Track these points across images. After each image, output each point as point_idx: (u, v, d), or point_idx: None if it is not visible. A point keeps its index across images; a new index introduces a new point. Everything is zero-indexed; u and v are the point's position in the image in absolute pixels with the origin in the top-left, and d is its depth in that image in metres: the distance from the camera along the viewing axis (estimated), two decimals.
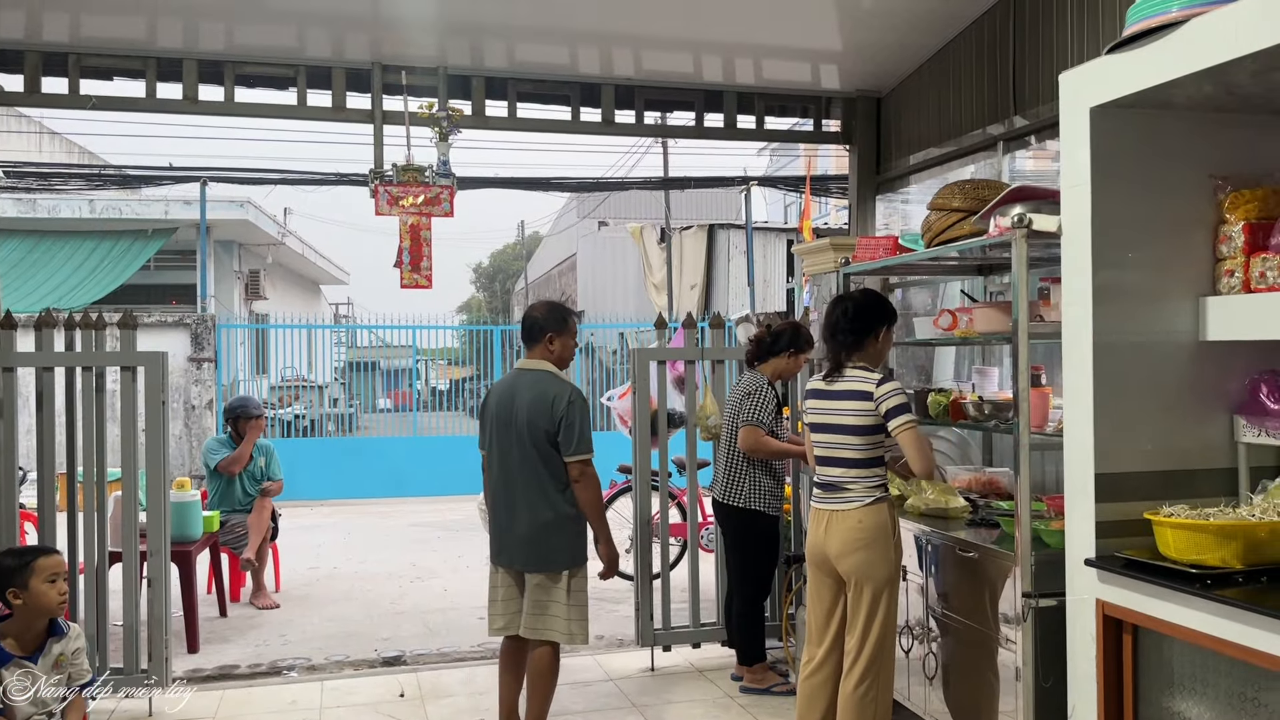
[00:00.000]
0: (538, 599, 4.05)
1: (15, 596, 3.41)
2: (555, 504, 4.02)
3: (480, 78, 5.70)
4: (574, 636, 4.05)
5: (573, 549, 4.07)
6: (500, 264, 50.08)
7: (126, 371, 4.82)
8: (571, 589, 4.04)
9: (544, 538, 4.03)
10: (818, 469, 3.78)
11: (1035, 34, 4.72)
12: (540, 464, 4.01)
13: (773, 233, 16.36)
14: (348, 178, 12.00)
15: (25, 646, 3.43)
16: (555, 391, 4.00)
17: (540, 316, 4.17)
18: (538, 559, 4.05)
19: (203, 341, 12.58)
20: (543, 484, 4.02)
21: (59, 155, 18.95)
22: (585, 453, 3.99)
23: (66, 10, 5.00)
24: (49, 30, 5.14)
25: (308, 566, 8.24)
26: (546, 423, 3.97)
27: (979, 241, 3.69)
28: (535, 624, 4.06)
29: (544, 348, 4.14)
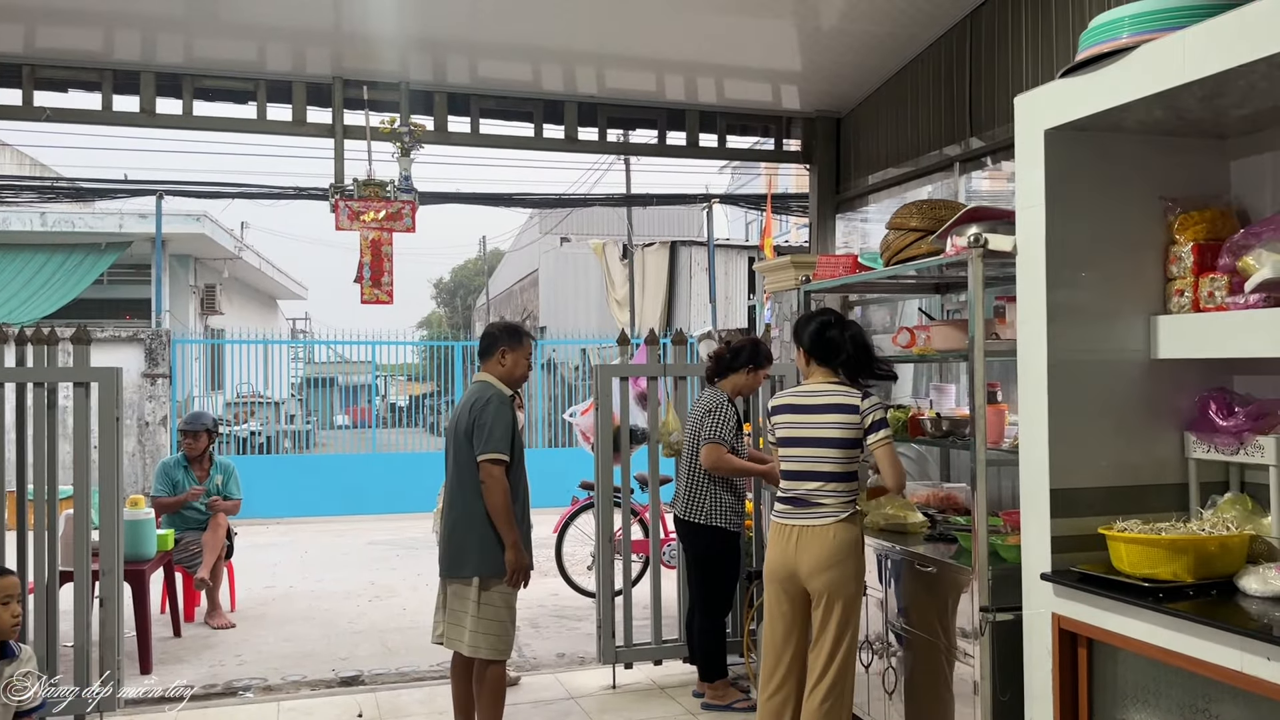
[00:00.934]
0: (452, 607, 4.10)
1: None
2: (469, 509, 4.05)
3: (443, 93, 5.70)
4: (478, 649, 4.02)
5: (482, 557, 4.04)
6: (461, 279, 49.88)
7: (80, 387, 4.74)
8: (481, 600, 4.02)
9: (456, 541, 4.07)
10: (785, 484, 3.79)
11: (991, 57, 4.82)
12: (459, 468, 4.08)
13: (734, 250, 16.46)
14: (306, 192, 11.90)
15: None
16: (484, 395, 4.09)
17: (496, 333, 4.29)
18: (450, 564, 4.10)
19: (157, 357, 12.39)
20: (463, 488, 4.08)
21: (9, 167, 18.63)
22: (493, 452, 3.99)
23: (21, 21, 4.93)
24: (2, 41, 5.06)
25: (263, 585, 8.12)
26: (467, 424, 4.04)
27: (936, 260, 3.74)
28: (450, 633, 4.11)
29: (495, 361, 4.23)
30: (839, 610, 3.64)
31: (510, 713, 4.91)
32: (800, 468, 3.73)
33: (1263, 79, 2.41)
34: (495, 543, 4.05)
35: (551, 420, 14.31)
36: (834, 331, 3.79)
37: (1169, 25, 2.52)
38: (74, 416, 4.75)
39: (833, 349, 3.78)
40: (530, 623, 6.81)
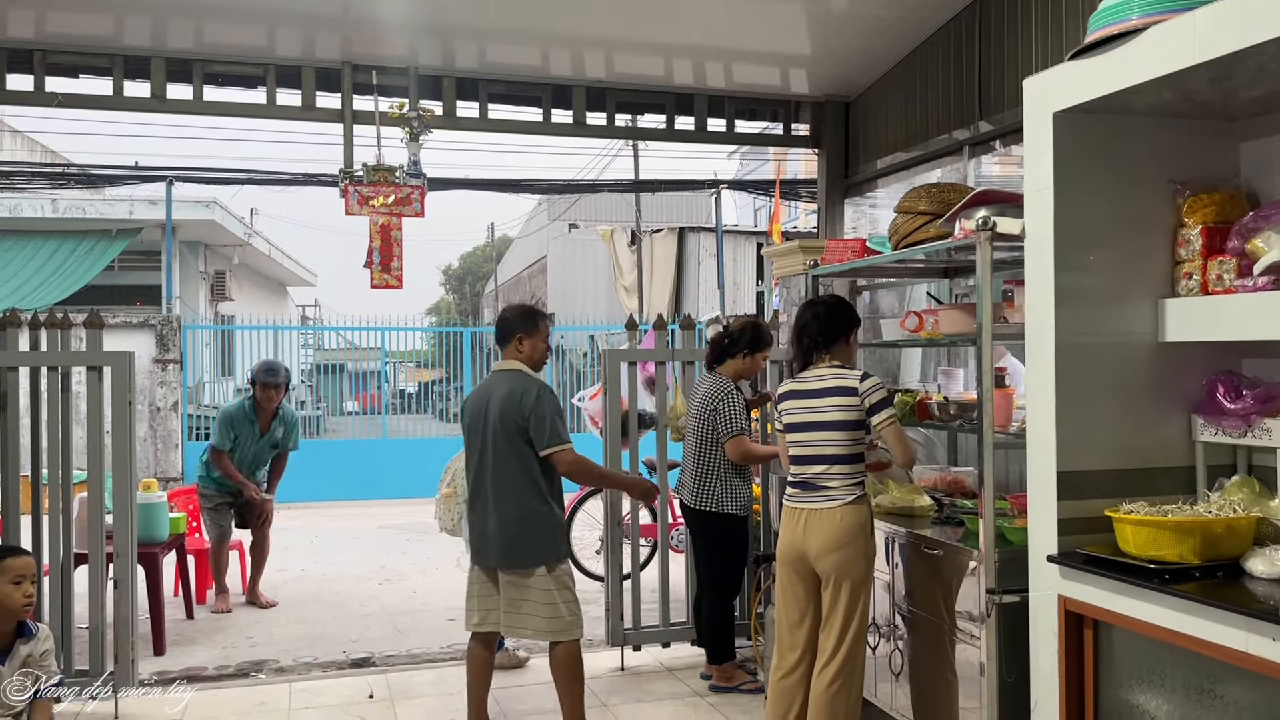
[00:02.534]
0: (511, 597, 4.09)
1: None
2: (526, 501, 4.05)
3: (451, 78, 5.70)
4: (561, 633, 4.06)
5: (545, 546, 4.09)
6: (470, 266, 49.89)
7: (93, 372, 4.77)
8: (545, 586, 4.05)
9: (514, 535, 4.06)
10: (794, 468, 3.81)
11: (1001, 40, 4.80)
12: (512, 462, 4.05)
13: (742, 236, 16.45)
14: (316, 178, 11.92)
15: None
16: (523, 387, 4.07)
17: (511, 318, 4.27)
18: (509, 557, 4.08)
19: (168, 343, 12.45)
20: (514, 482, 4.05)
21: (20, 154, 18.68)
22: (559, 443, 4.03)
23: (32, 7, 4.94)
24: (14, 26, 5.08)
25: (275, 569, 8.14)
26: (517, 419, 4.02)
27: (944, 244, 3.75)
28: (511, 622, 4.10)
29: (514, 348, 4.22)
30: (847, 592, 3.67)
31: (520, 694, 4.96)
32: (806, 452, 3.75)
33: (1272, 60, 2.41)
34: (554, 531, 4.11)
35: (560, 401, 14.33)
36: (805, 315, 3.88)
37: (1179, 7, 2.52)
38: (87, 401, 4.79)
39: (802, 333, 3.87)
40: None
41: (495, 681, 5.10)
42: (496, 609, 4.14)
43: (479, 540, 4.18)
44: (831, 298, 4.09)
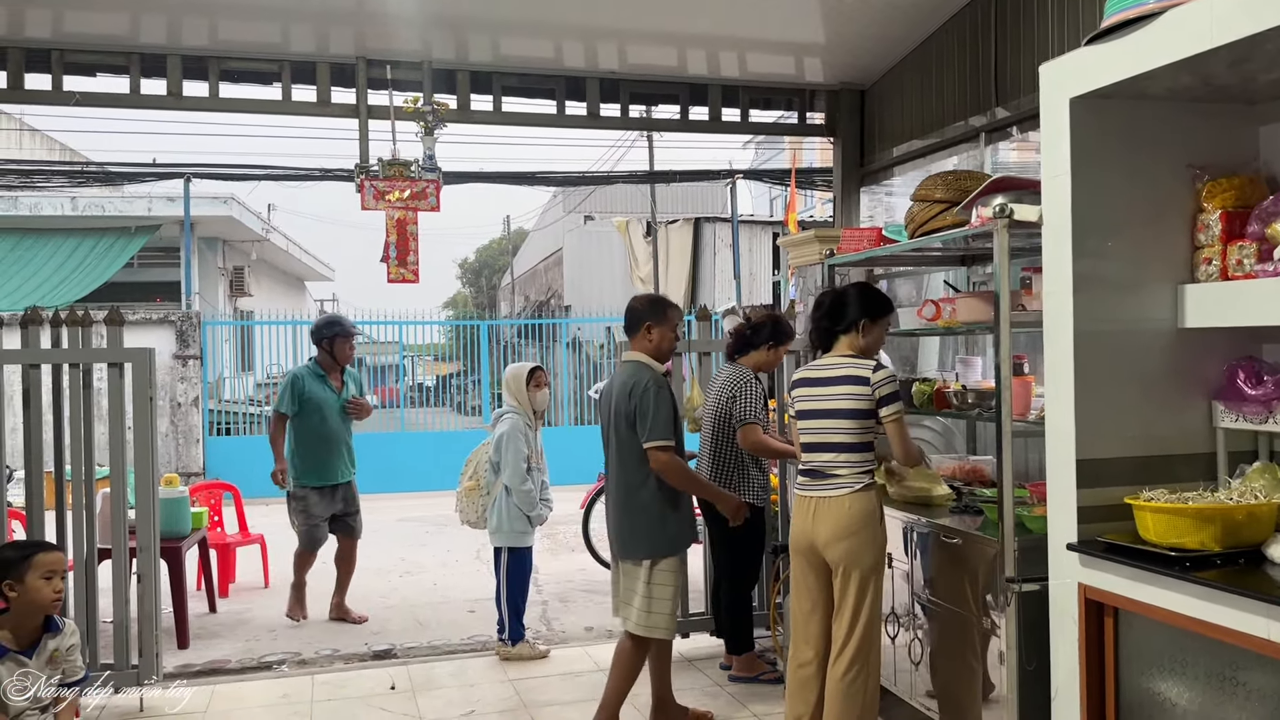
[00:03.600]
0: (625, 585, 4.17)
1: (10, 589, 3.41)
2: (634, 493, 4.11)
3: (465, 72, 5.71)
4: (651, 629, 4.08)
5: (650, 539, 4.11)
6: (486, 259, 49.96)
7: (114, 368, 4.82)
8: (649, 580, 4.07)
9: (625, 525, 4.14)
10: (805, 456, 3.81)
11: (1017, 26, 4.77)
12: (626, 453, 4.11)
13: (758, 226, 16.40)
14: (332, 173, 11.97)
15: (20, 641, 3.43)
16: (636, 379, 4.09)
17: (640, 308, 4.28)
18: (620, 546, 4.17)
19: (188, 339, 12.53)
20: (628, 473, 4.12)
21: (40, 152, 18.83)
22: (659, 439, 4.01)
23: (49, 6, 4.98)
24: (31, 26, 5.12)
25: None
26: (626, 410, 4.06)
27: (961, 232, 3.73)
28: (623, 611, 4.19)
29: (643, 337, 4.22)
30: (856, 580, 3.65)
31: (540, 685, 4.99)
32: (816, 439, 3.75)
33: None
34: (663, 523, 4.12)
35: (577, 397, 14.36)
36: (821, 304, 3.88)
37: None
38: (109, 397, 4.83)
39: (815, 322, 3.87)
40: (559, 597, 6.88)
41: (514, 672, 5.15)
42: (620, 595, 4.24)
43: (611, 531, 4.29)
44: (853, 285, 4.07)
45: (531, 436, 5.48)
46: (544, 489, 5.58)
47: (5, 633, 3.41)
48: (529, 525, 5.44)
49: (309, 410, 6.09)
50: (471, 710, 4.66)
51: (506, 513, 5.38)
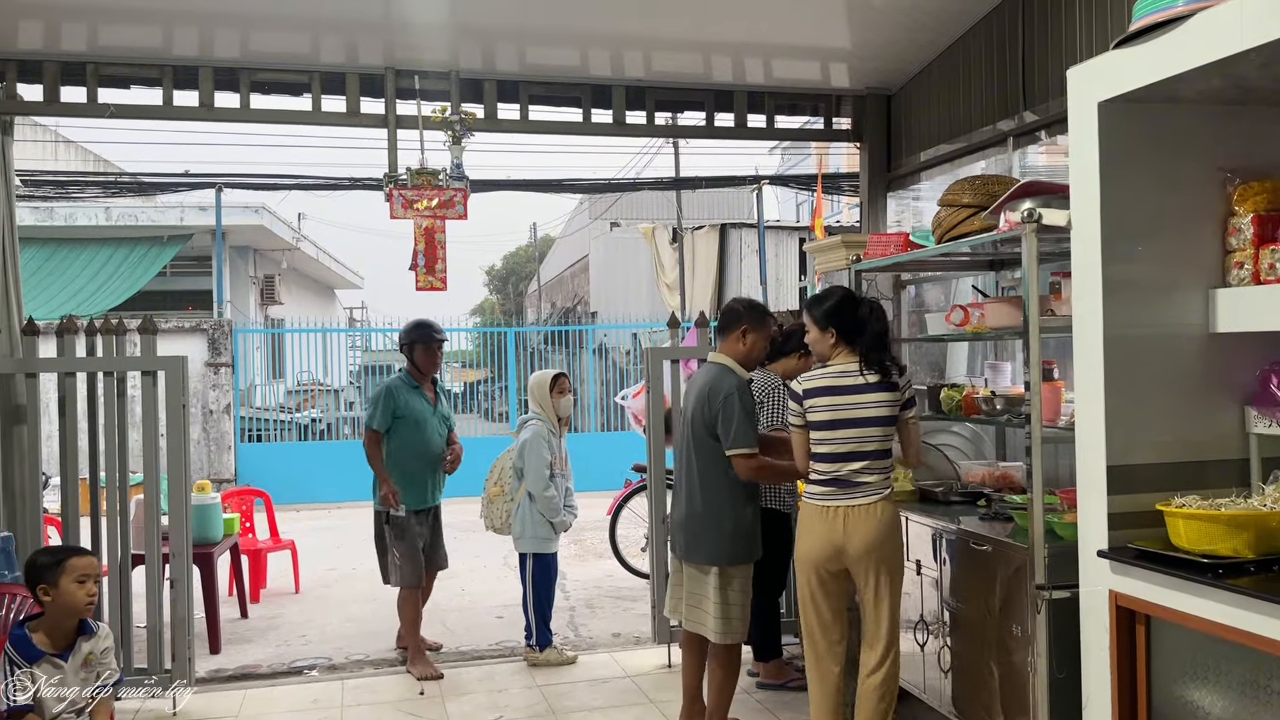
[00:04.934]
0: (691, 590, 4.14)
1: (45, 593, 3.47)
2: (708, 498, 4.07)
3: (492, 81, 5.74)
4: (726, 634, 4.05)
5: (720, 546, 4.06)
6: (513, 266, 50.15)
7: (147, 376, 4.89)
8: (720, 586, 4.04)
9: (695, 529, 4.09)
10: (825, 466, 3.71)
11: (1045, 29, 4.74)
12: (702, 456, 4.08)
13: (785, 231, 16.37)
14: (361, 182, 12.07)
15: (56, 644, 3.49)
16: (718, 384, 4.05)
17: (740, 309, 4.23)
18: (688, 549, 4.13)
19: (219, 346, 12.68)
20: (703, 476, 4.08)
21: (75, 163, 19.10)
22: (743, 447, 3.97)
23: (85, 20, 5.06)
24: (67, 40, 5.20)
25: (326, 568, 8.30)
26: (707, 415, 4.04)
27: (989, 237, 3.71)
28: (691, 616, 4.15)
29: (735, 340, 4.17)
30: (891, 585, 3.67)
31: (568, 691, 5.00)
32: (845, 449, 3.68)
33: None
34: (739, 530, 4.09)
35: (603, 404, 14.39)
36: (864, 310, 3.77)
37: None
38: (142, 405, 4.90)
39: (861, 328, 3.74)
40: (586, 603, 6.90)
41: (542, 678, 5.16)
42: (684, 599, 4.19)
43: (672, 529, 4.28)
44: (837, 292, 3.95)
45: (555, 443, 5.50)
46: (568, 495, 5.60)
47: (41, 636, 3.47)
48: (553, 531, 5.46)
49: (406, 425, 5.46)
50: (500, 715, 4.68)
51: (530, 519, 5.41)
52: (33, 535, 4.96)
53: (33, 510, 5.03)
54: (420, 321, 5.73)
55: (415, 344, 5.57)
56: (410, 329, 5.64)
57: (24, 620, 3.53)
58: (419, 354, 5.57)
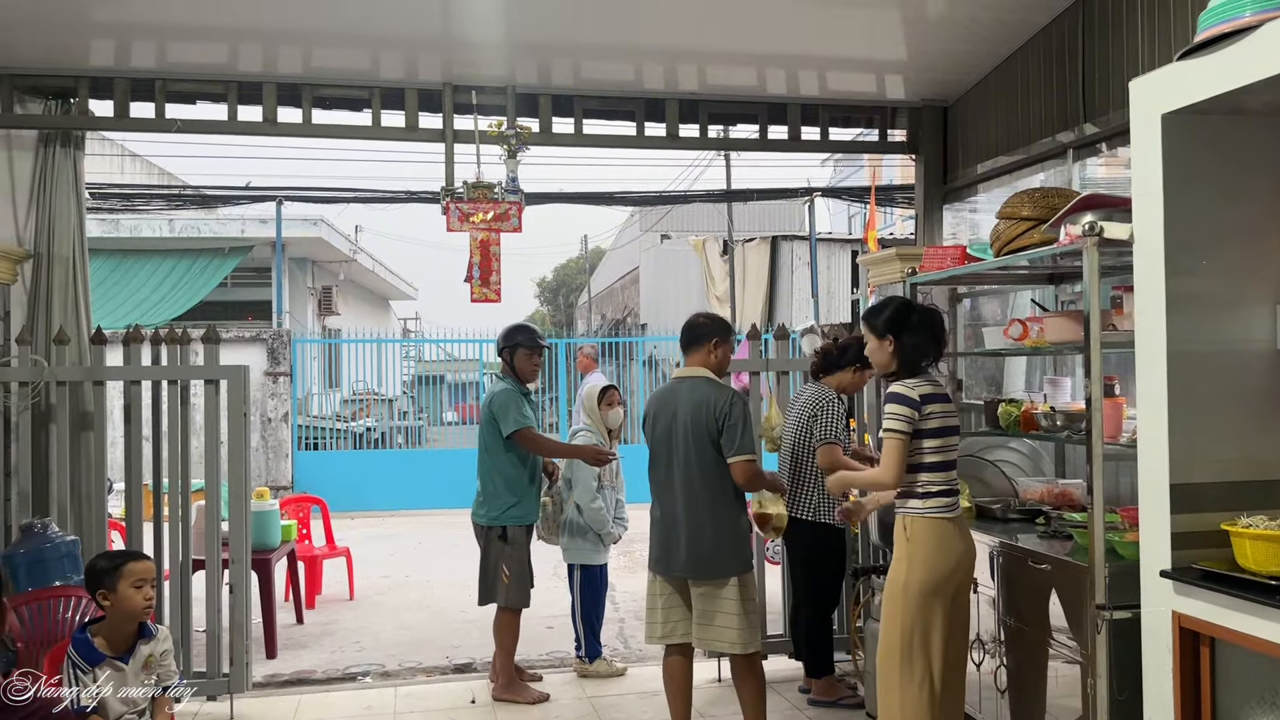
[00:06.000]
0: (704, 609, 4.07)
1: (105, 598, 3.55)
2: (718, 510, 4.05)
3: (547, 96, 5.80)
4: (750, 644, 4.05)
5: (736, 556, 4.07)
6: (564, 278, 50.41)
7: (210, 385, 5.00)
8: (736, 597, 4.04)
9: (708, 546, 4.04)
10: (948, 474, 3.56)
11: (1106, 41, 4.67)
12: (704, 470, 4.05)
13: (837, 244, 16.27)
14: (417, 195, 12.23)
15: (116, 647, 3.56)
16: (717, 395, 4.08)
17: (709, 323, 4.31)
18: (703, 568, 4.06)
19: (278, 356, 12.92)
20: (707, 490, 4.05)
21: (140, 177, 19.60)
22: (748, 453, 4.03)
23: (154, 38, 5.20)
24: (137, 57, 5.35)
25: (380, 575, 8.40)
26: (710, 426, 4.03)
27: (1049, 250, 3.66)
28: (704, 634, 4.09)
29: (707, 352, 4.23)
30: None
31: (617, 702, 5.00)
32: (954, 457, 3.63)
33: None
34: (744, 538, 4.15)
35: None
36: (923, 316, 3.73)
37: None
38: (205, 413, 5.01)
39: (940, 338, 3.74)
40: (636, 615, 6.89)
41: (590, 689, 5.17)
42: (686, 619, 4.13)
43: (665, 550, 4.15)
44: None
45: None
46: (619, 507, 5.61)
47: (102, 639, 3.54)
48: (601, 543, 5.46)
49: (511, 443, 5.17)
50: None
51: (578, 530, 5.43)
52: (98, 539, 5.08)
53: (98, 515, 5.16)
54: (522, 325, 5.53)
55: (518, 348, 5.31)
56: (512, 332, 5.38)
57: (86, 624, 3.61)
58: (520, 359, 5.31)
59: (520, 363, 5.31)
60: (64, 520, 4.94)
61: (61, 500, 4.99)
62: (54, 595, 4.33)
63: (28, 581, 4.42)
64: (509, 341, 5.35)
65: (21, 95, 5.35)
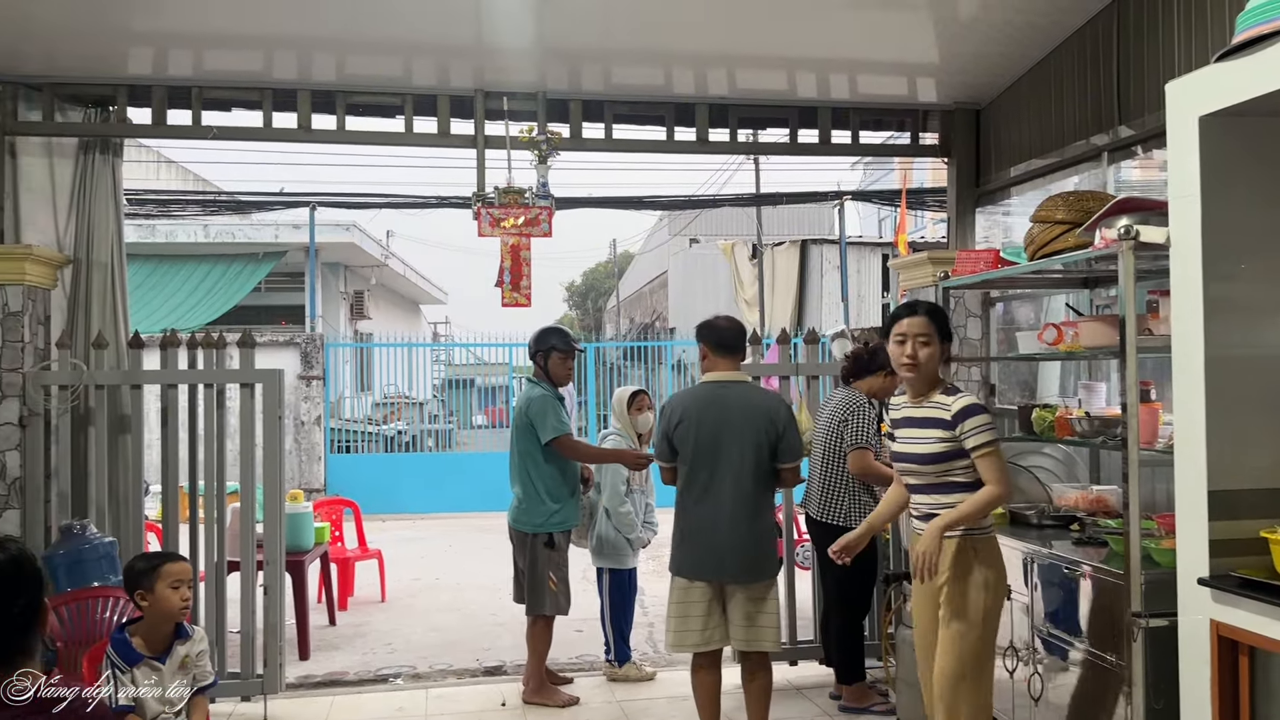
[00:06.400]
0: (749, 611, 4.11)
1: (143, 598, 3.59)
2: (764, 515, 4.16)
3: (578, 101, 5.82)
4: (779, 641, 4.20)
5: (776, 556, 4.23)
6: (593, 282, 50.55)
7: (245, 388, 5.05)
8: (774, 597, 4.16)
9: (756, 549, 4.11)
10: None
11: (1141, 42, 4.63)
12: (755, 476, 4.11)
13: (867, 247, 16.21)
14: (448, 200, 12.32)
15: (154, 647, 3.60)
16: (774, 402, 4.22)
17: (742, 330, 4.39)
18: (755, 570, 4.11)
19: (311, 360, 13.04)
20: (756, 495, 4.12)
21: (175, 183, 19.88)
22: (799, 458, 4.22)
23: (190, 46, 5.28)
24: (174, 65, 5.43)
25: (411, 577, 8.45)
26: (769, 433, 4.09)
27: (1084, 254, 3.63)
28: (749, 636, 4.13)
29: (741, 359, 4.37)
30: None
31: (647, 706, 5.00)
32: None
33: None
34: (776, 540, 4.27)
35: None
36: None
37: None
38: (240, 416, 5.06)
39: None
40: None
41: (620, 693, 5.17)
42: (721, 625, 4.15)
43: (711, 556, 4.10)
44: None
45: None
46: (648, 511, 5.62)
47: (139, 639, 3.59)
48: (629, 547, 5.47)
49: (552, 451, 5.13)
50: None
51: (607, 534, 5.43)
52: (135, 541, 5.15)
53: (135, 517, 5.23)
54: (555, 328, 5.49)
55: (552, 352, 5.27)
56: (546, 335, 5.35)
57: (124, 624, 3.67)
58: (554, 363, 5.26)
59: (554, 366, 5.29)
60: (102, 522, 5.01)
61: (100, 502, 5.07)
62: (93, 596, 4.40)
63: (67, 582, 4.49)
64: (542, 345, 5.33)
65: (62, 103, 5.44)
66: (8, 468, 4.87)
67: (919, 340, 3.46)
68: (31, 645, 1.89)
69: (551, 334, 5.39)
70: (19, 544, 1.98)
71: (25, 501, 4.88)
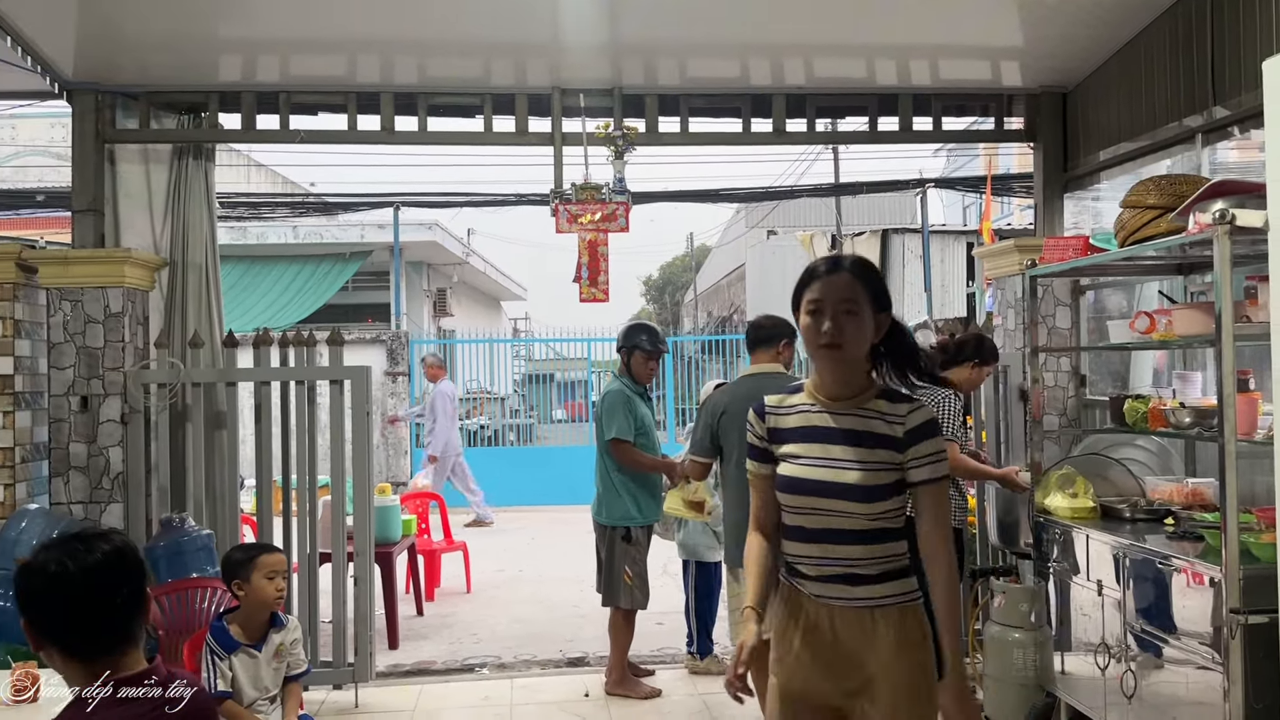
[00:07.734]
0: None
1: (239, 588, 3.73)
2: None
3: (653, 96, 5.82)
4: None
5: None
6: (669, 276, 50.55)
7: (335, 385, 5.19)
8: None
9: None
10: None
11: (1236, 19, 4.45)
12: None
13: (951, 235, 15.89)
14: (527, 198, 12.44)
15: (250, 635, 3.74)
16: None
17: (780, 324, 4.43)
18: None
19: (397, 356, 13.32)
20: None
21: (265, 186, 20.46)
22: None
23: (278, 53, 5.43)
24: (262, 72, 5.59)
25: (495, 569, 8.59)
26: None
27: (1177, 240, 3.52)
28: None
29: (776, 352, 4.40)
30: None
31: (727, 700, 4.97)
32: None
33: None
34: None
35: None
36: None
37: None
38: (330, 411, 5.20)
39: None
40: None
41: (701, 686, 5.19)
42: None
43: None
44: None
45: None
46: None
47: (236, 628, 3.73)
48: (716, 540, 5.46)
49: (641, 434, 5.23)
50: None
51: (693, 527, 5.44)
52: (231, 533, 5.33)
53: (231, 510, 5.42)
54: (644, 325, 5.48)
55: (635, 350, 5.31)
56: (633, 332, 5.38)
57: (222, 613, 3.81)
58: (637, 361, 5.31)
59: (636, 365, 5.34)
60: (199, 515, 5.19)
61: (197, 496, 5.26)
62: (192, 586, 4.58)
63: (167, 573, 4.67)
64: (628, 341, 5.36)
65: (157, 111, 5.64)
66: (111, 463, 5.08)
67: (842, 308, 2.39)
68: (136, 633, 1.98)
69: (639, 331, 5.42)
70: (122, 536, 2.07)
71: (128, 495, 5.09)
